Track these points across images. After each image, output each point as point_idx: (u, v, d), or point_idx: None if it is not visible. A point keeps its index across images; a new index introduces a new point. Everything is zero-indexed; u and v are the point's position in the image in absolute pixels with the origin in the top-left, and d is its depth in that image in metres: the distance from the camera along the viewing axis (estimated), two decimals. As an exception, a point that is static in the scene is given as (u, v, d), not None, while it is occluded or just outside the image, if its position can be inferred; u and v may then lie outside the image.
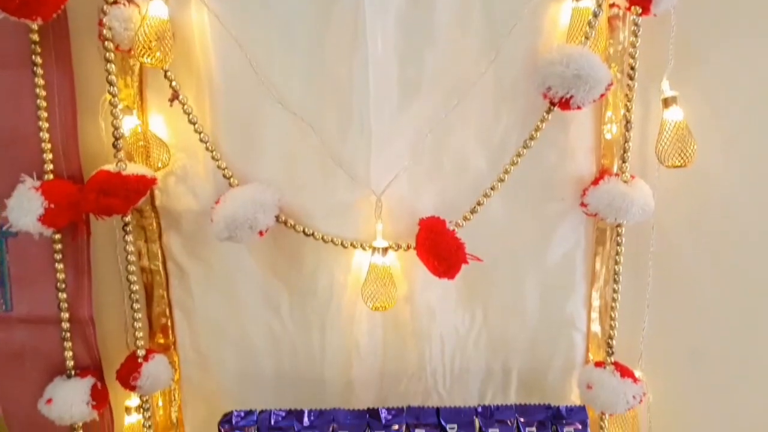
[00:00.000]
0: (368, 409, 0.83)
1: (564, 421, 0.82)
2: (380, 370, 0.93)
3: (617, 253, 0.86)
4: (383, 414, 0.82)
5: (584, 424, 0.82)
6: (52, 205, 0.77)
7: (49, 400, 0.84)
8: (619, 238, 0.86)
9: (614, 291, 0.87)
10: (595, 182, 0.84)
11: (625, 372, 0.87)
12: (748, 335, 0.93)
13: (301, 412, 0.82)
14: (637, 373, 0.90)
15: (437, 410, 0.83)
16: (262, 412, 0.82)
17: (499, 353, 0.94)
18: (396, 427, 0.81)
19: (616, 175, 0.83)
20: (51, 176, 0.81)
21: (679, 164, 0.80)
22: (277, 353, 0.93)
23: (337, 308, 0.90)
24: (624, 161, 0.83)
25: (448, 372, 0.94)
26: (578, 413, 0.83)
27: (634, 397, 0.85)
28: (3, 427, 0.93)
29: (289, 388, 0.92)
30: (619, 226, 0.85)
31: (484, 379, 0.94)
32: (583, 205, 0.84)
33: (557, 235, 0.88)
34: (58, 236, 0.83)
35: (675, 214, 0.88)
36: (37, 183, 0.79)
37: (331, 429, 0.81)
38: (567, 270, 0.90)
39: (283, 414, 0.82)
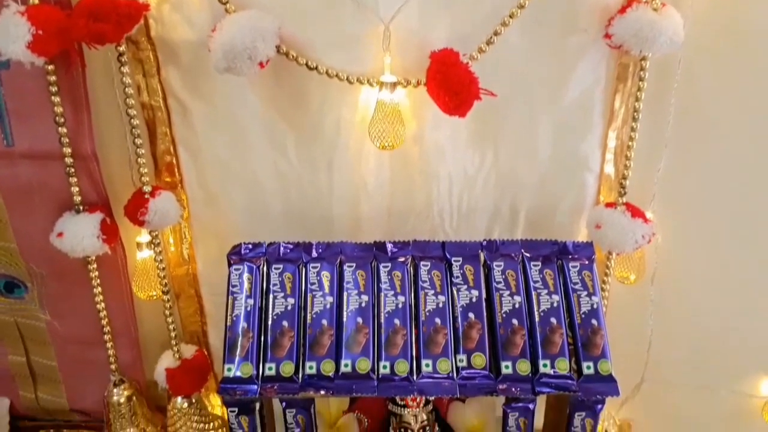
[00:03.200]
0: (375, 242, 0.83)
1: (570, 257, 0.83)
2: (387, 208, 0.93)
3: (639, 89, 0.81)
4: (389, 247, 0.83)
5: (590, 259, 0.82)
6: (40, 32, 0.72)
7: (60, 234, 0.85)
8: (642, 72, 0.80)
9: (632, 130, 0.84)
10: (622, 10, 0.77)
11: (636, 212, 0.86)
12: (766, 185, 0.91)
13: (309, 244, 0.83)
14: (648, 214, 0.88)
15: (442, 244, 0.83)
16: (270, 244, 0.83)
17: (508, 193, 0.93)
18: (402, 259, 0.82)
19: (646, 2, 0.76)
20: (36, 0, 0.76)
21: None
22: (285, 191, 0.92)
23: (344, 147, 0.88)
24: (655, -14, 0.76)
25: (455, 211, 0.94)
26: (585, 249, 0.83)
27: (643, 236, 0.85)
28: (18, 260, 0.96)
29: (298, 225, 0.93)
30: (643, 59, 0.80)
31: (491, 218, 0.94)
32: (607, 36, 0.78)
33: (577, 71, 0.83)
34: (51, 67, 0.79)
35: (704, 49, 0.82)
36: (22, 7, 0.74)
37: (338, 261, 0.82)
38: (584, 108, 0.86)
39: (291, 246, 0.83)
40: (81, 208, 0.87)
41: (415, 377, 0.77)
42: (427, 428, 0.87)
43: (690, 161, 0.90)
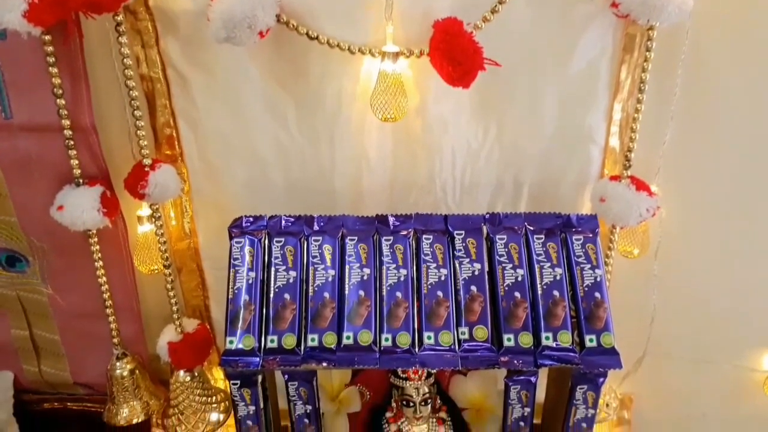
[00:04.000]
0: (377, 215, 0.83)
1: (574, 230, 0.82)
2: (390, 181, 0.92)
3: (645, 60, 0.80)
4: (391, 220, 0.82)
5: (594, 232, 0.82)
6: (36, 0, 0.71)
7: (60, 207, 0.85)
8: (649, 43, 0.79)
9: (638, 101, 0.82)
10: (630, -22, 0.75)
11: (640, 185, 0.85)
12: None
13: (311, 218, 0.82)
14: (653, 188, 0.88)
15: (445, 217, 0.82)
16: (272, 217, 0.82)
17: (512, 167, 0.92)
18: (404, 232, 0.82)
19: (654, -31, 0.75)
20: (32, -31, 0.74)
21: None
22: (287, 165, 0.92)
23: (346, 119, 0.87)
24: (663, -47, 0.74)
25: (458, 185, 0.93)
26: (589, 222, 0.82)
27: (647, 210, 0.84)
28: (19, 234, 0.95)
29: (300, 199, 0.93)
30: (650, 29, 0.78)
31: (494, 192, 0.94)
32: (614, 5, 0.76)
33: (583, 41, 0.82)
34: (48, 37, 0.77)
35: (713, 19, 0.80)
36: (18, -24, 0.73)
37: (340, 234, 0.82)
38: (590, 80, 0.85)
39: (293, 220, 0.83)
40: (81, 181, 0.87)
41: (417, 350, 0.77)
42: (429, 401, 0.87)
43: (696, 134, 0.89)
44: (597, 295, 0.79)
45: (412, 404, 0.87)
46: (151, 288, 1.02)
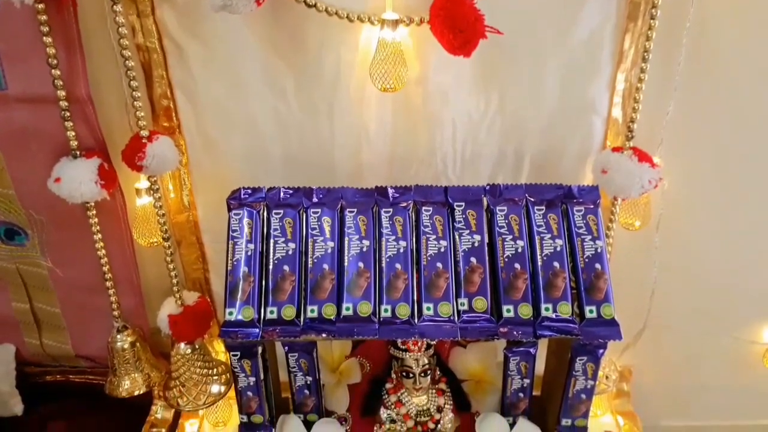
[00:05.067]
0: (376, 187, 0.82)
1: (575, 200, 0.81)
2: (390, 154, 0.92)
3: (650, 28, 0.78)
4: (391, 192, 0.82)
5: (596, 203, 0.81)
6: (28, -33, 0.70)
7: (58, 179, 0.84)
8: (654, 11, 0.77)
9: (642, 71, 0.81)
10: (635, -57, 0.74)
11: (643, 157, 0.84)
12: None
13: (310, 190, 0.82)
14: (656, 159, 0.87)
15: (445, 189, 0.82)
16: (270, 189, 0.82)
17: (513, 138, 0.91)
18: (404, 204, 0.81)
19: (660, -67, 0.73)
20: (23, -66, 0.73)
21: None
22: (285, 137, 0.91)
23: (345, 90, 0.86)
24: None
25: (459, 157, 0.92)
26: (590, 193, 0.82)
27: (649, 181, 0.83)
28: (17, 207, 0.95)
29: (299, 171, 0.92)
30: (655, -5, 0.77)
31: (496, 164, 0.93)
32: (617, -29, 0.75)
33: (586, 9, 0.81)
34: (41, 6, 0.76)
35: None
36: (8, -59, 0.71)
37: (339, 206, 0.81)
38: (593, 49, 0.84)
39: (291, 191, 0.82)
40: (78, 153, 0.86)
41: (416, 320, 0.77)
42: (429, 372, 0.88)
43: (700, 105, 0.88)
44: (597, 266, 0.79)
45: (411, 375, 0.87)
46: (150, 261, 1.02)
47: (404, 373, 0.88)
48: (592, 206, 0.81)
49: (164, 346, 1.07)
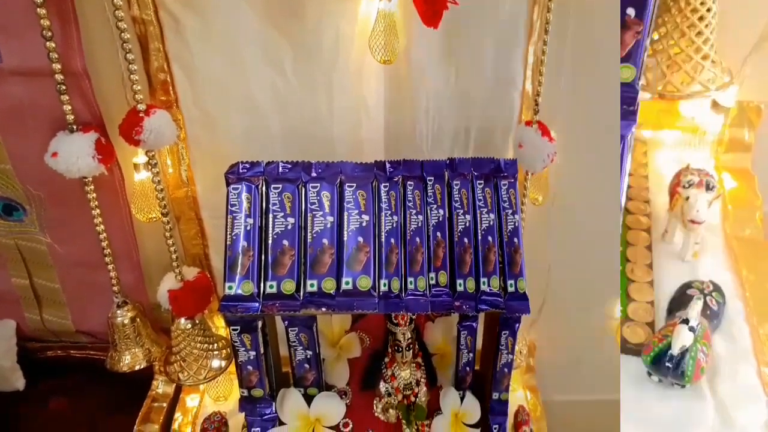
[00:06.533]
0: (375, 161, 0.82)
1: (502, 174, 0.82)
2: (385, 128, 0.92)
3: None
4: (387, 167, 0.81)
5: (515, 177, 0.82)
6: (20, -64, 0.69)
7: (54, 154, 0.83)
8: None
9: (544, 43, 0.82)
10: None
11: (544, 131, 0.86)
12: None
13: (309, 164, 0.81)
14: (553, 134, 0.88)
15: (421, 164, 0.82)
16: (269, 163, 0.81)
17: (464, 114, 0.93)
18: (396, 179, 0.81)
19: None
20: None
21: None
22: (284, 112, 0.90)
23: (343, 65, 0.86)
24: None
25: (430, 131, 0.94)
26: (512, 167, 0.83)
27: (548, 155, 0.85)
28: (15, 182, 0.95)
29: (298, 146, 0.92)
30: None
31: (453, 139, 0.95)
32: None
33: None
34: (35, -23, 0.75)
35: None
36: None
37: (338, 181, 0.81)
38: (514, 23, 0.85)
39: (290, 166, 0.81)
40: (75, 127, 0.85)
41: (404, 295, 0.77)
42: (411, 346, 0.89)
43: (585, 79, 0.88)
44: (515, 240, 0.80)
45: (400, 349, 0.88)
46: (150, 236, 1.02)
47: (396, 347, 0.88)
48: (512, 180, 0.82)
49: (164, 322, 1.07)
